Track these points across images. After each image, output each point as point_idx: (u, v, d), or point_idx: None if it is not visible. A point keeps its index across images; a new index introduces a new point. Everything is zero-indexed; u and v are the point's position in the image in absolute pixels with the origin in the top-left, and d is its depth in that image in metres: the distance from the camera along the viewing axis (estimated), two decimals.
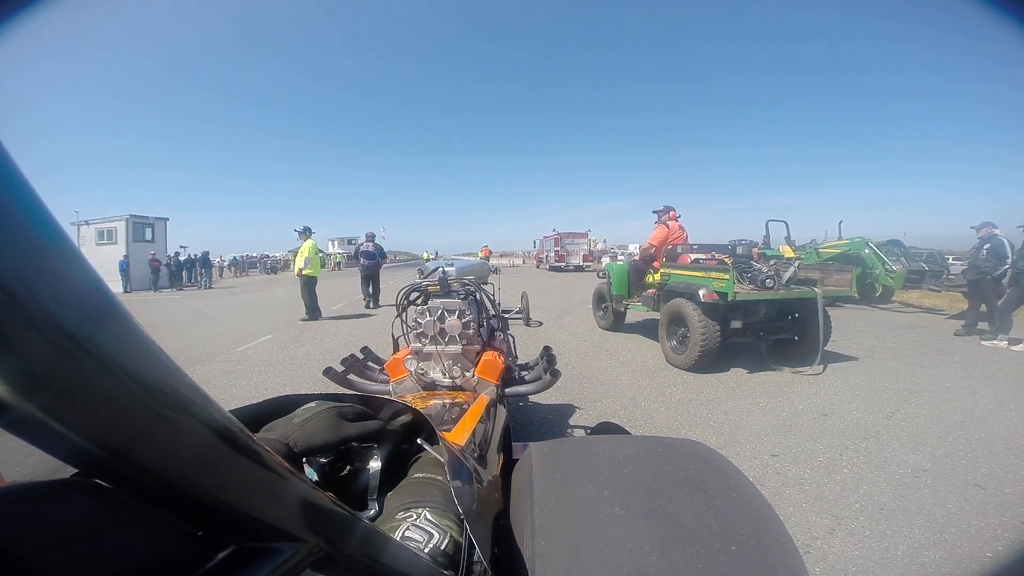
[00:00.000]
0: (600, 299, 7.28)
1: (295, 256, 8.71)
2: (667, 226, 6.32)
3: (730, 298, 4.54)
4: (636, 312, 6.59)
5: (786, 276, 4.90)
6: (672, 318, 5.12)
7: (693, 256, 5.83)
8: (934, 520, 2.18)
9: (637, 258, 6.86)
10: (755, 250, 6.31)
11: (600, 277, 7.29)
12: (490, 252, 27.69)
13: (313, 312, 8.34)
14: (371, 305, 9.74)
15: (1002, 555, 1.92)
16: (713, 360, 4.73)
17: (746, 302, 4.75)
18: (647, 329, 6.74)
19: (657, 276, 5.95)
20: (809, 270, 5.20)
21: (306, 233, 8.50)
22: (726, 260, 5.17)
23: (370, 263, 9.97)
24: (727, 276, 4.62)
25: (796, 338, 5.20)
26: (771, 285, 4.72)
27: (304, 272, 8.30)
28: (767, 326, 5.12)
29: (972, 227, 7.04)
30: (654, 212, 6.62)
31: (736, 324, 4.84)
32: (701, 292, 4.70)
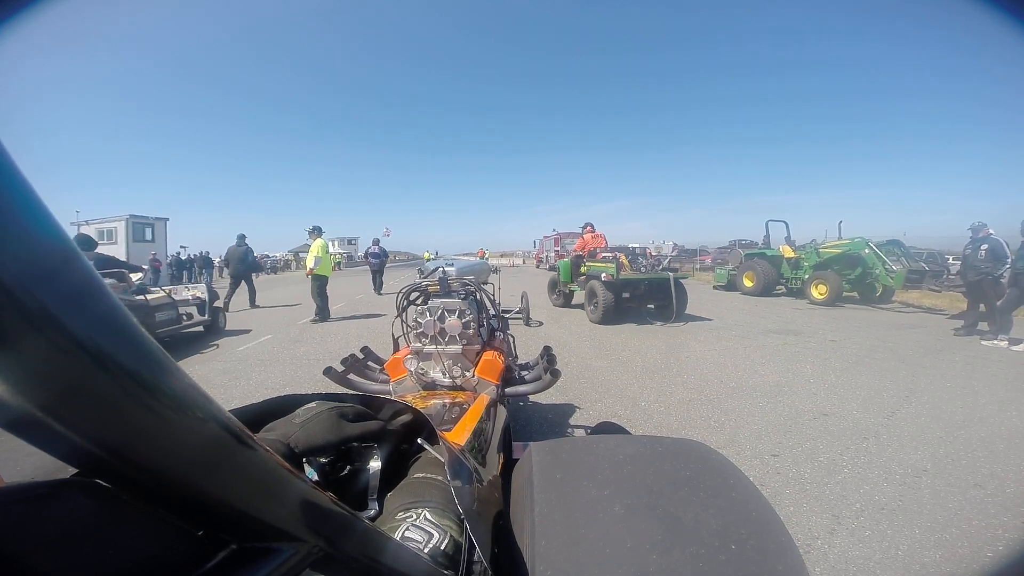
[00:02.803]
0: (553, 285, 10.38)
1: (309, 255, 8.49)
2: (584, 238, 9.35)
3: (617, 278, 7.48)
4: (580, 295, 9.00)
5: (661, 266, 8.38)
6: (590, 292, 7.99)
7: (609, 254, 8.49)
8: (935, 520, 2.17)
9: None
10: (648, 249, 11.20)
11: (552, 271, 10.75)
12: (485, 253, 27.99)
13: (323, 313, 8.19)
14: (379, 293, 12.70)
15: (1003, 555, 1.92)
16: (612, 317, 7.60)
17: (629, 280, 7.67)
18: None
19: (584, 267, 8.77)
20: (674, 260, 9.89)
21: (316, 232, 8.33)
22: (622, 256, 8.09)
23: (376, 262, 13.51)
24: (613, 266, 7.63)
25: (665, 304, 7.92)
26: (644, 270, 8.07)
27: (315, 272, 8.16)
28: (646, 296, 8.02)
29: (968, 227, 7.05)
30: (580, 228, 9.83)
31: (626, 295, 7.72)
32: (603, 275, 7.68)
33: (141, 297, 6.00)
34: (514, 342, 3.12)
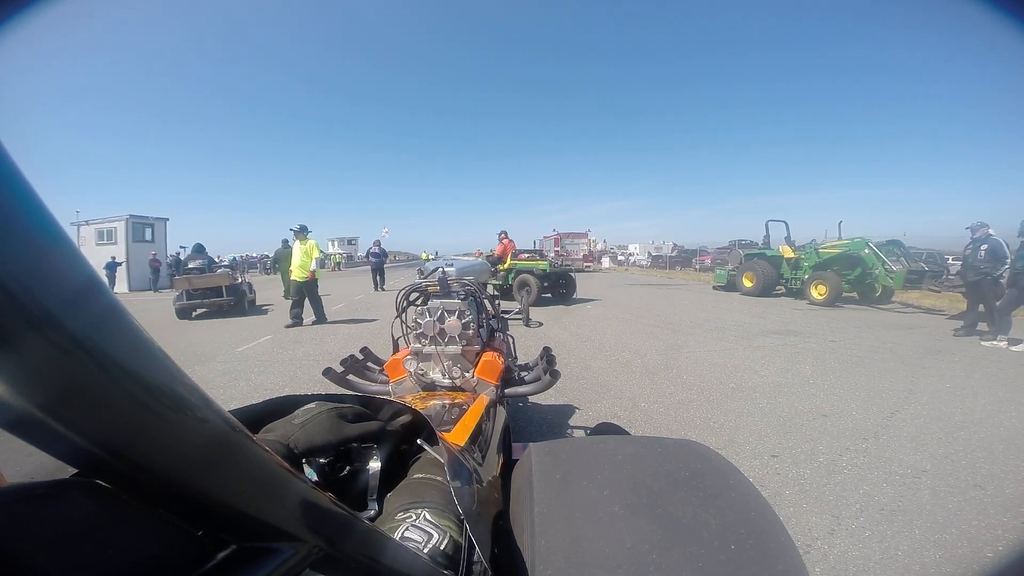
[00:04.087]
0: None
1: (305, 256, 7.93)
2: (503, 244, 11.46)
3: (548, 271, 10.58)
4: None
5: (562, 263, 12.84)
6: (522, 283, 10.22)
7: (527, 254, 12.04)
8: (934, 520, 2.17)
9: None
10: (556, 249, 19.75)
11: None
12: (482, 253, 28.09)
13: (294, 318, 7.79)
14: (381, 289, 14.09)
15: (1003, 555, 1.92)
16: (537, 302, 9.89)
17: (551, 273, 10.73)
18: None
19: (506, 265, 10.93)
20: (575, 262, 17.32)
21: (303, 232, 7.86)
22: (544, 255, 13.16)
23: (376, 260, 15.16)
24: (545, 262, 10.88)
25: (564, 291, 11.29)
26: (557, 265, 11.58)
27: (298, 276, 7.76)
28: (554, 286, 11.14)
29: (967, 227, 7.05)
30: (497, 235, 11.95)
31: (546, 283, 10.60)
32: (535, 269, 10.42)
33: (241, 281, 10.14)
34: (514, 343, 3.12)
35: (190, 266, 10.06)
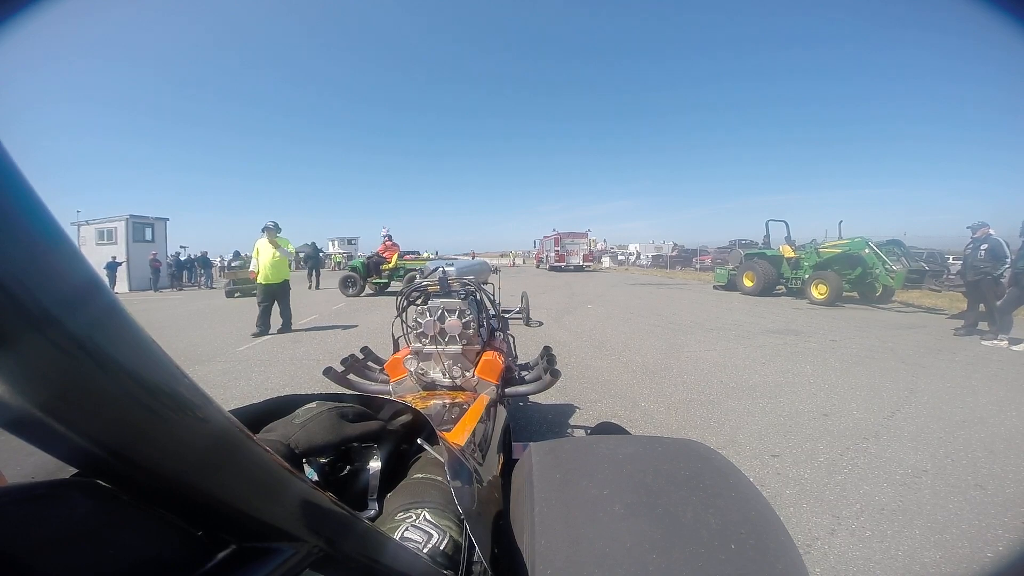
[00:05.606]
0: (345, 281, 12.90)
1: (267, 254, 6.99)
2: (386, 245, 13.08)
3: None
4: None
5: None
6: (410, 280, 10.28)
7: (409, 255, 13.89)
8: (935, 520, 2.17)
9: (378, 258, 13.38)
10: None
11: (352, 271, 13.07)
12: (475, 254, 28.35)
13: (260, 326, 7.03)
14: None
15: (1003, 555, 1.92)
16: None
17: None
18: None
19: (391, 264, 12.75)
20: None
21: (274, 230, 6.93)
22: (426, 254, 15.61)
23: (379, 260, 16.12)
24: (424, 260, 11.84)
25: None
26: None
27: (271, 279, 6.95)
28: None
29: (968, 227, 7.05)
30: (382, 236, 13.39)
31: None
32: (423, 268, 9.71)
33: None
34: (514, 342, 3.11)
35: (233, 264, 16.25)
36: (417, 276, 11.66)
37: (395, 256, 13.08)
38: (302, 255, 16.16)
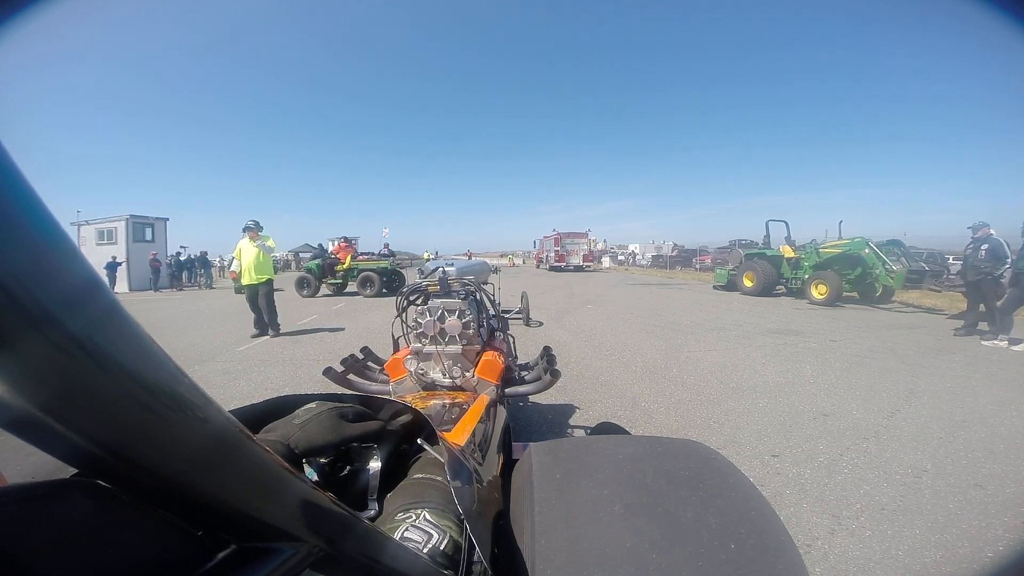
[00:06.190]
0: (301, 282, 13.45)
1: (249, 253, 6.83)
2: (340, 246, 14.21)
3: (388, 268, 13.72)
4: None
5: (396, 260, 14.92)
6: (365, 280, 13.10)
7: (366, 256, 14.60)
8: (935, 520, 2.17)
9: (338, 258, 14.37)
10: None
11: (307, 273, 13.71)
12: (471, 254, 28.45)
13: (259, 327, 7.02)
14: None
15: (1003, 555, 1.92)
16: (379, 292, 12.94)
17: (388, 270, 13.63)
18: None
19: (345, 265, 13.54)
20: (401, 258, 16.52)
21: (257, 229, 6.80)
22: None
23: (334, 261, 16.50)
24: (385, 262, 13.93)
25: (397, 284, 13.11)
26: (394, 265, 14.38)
27: (255, 279, 6.78)
28: (391, 280, 13.56)
29: (968, 227, 7.05)
30: (343, 239, 14.92)
31: (384, 279, 13.38)
32: (376, 268, 13.36)
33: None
34: (514, 342, 3.11)
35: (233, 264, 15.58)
36: (373, 276, 11.32)
37: (348, 257, 13.75)
38: (311, 256, 16.37)
